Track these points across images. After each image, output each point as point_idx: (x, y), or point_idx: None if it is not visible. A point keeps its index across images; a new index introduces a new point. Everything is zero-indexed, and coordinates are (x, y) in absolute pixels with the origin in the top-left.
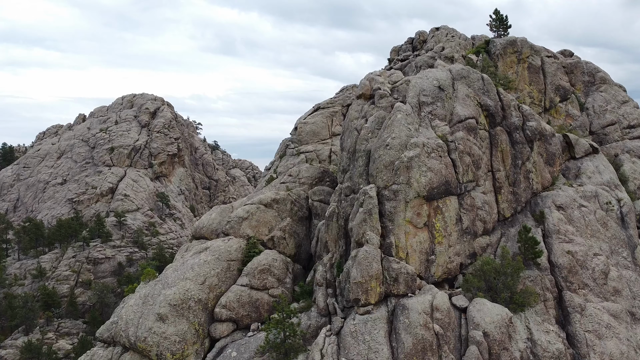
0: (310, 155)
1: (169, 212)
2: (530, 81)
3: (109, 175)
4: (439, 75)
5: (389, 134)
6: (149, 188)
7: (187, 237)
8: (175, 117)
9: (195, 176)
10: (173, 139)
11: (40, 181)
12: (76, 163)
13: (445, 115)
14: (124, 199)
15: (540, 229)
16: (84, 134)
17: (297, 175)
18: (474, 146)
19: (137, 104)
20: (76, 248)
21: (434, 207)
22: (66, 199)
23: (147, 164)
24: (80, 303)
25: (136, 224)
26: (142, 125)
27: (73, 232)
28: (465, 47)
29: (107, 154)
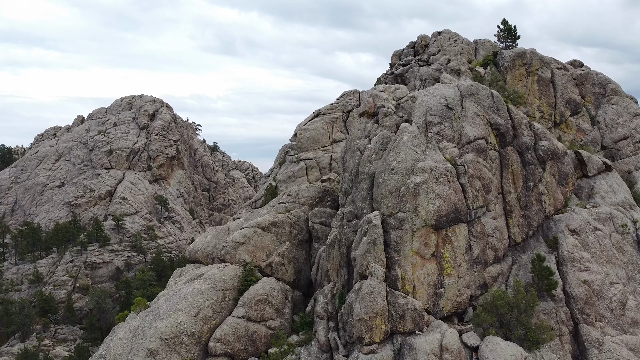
0: (310, 163)
1: (168, 215)
2: (540, 95)
3: (107, 178)
4: (447, 93)
5: (394, 157)
6: (147, 191)
7: (186, 240)
8: (175, 119)
9: (195, 178)
10: (172, 141)
11: (38, 184)
12: (74, 166)
13: (454, 135)
14: (122, 202)
15: (554, 256)
16: (82, 136)
17: (297, 195)
18: (484, 168)
19: (135, 106)
20: (74, 252)
21: (443, 236)
22: (64, 202)
23: (146, 166)
24: (78, 309)
25: (134, 227)
26: (141, 128)
27: (71, 236)
28: (468, 52)
29: (105, 157)
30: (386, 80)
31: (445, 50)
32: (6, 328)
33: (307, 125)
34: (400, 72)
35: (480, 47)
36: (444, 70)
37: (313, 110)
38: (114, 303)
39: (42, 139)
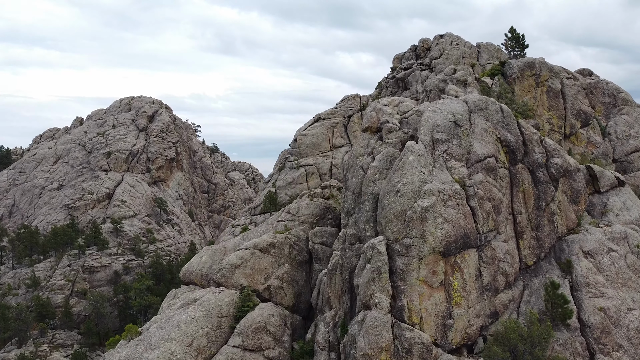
0: (310, 169)
1: (167, 217)
2: (550, 106)
3: (106, 181)
4: (455, 109)
5: (400, 179)
6: (146, 193)
7: (185, 243)
8: (174, 120)
9: (194, 180)
10: (171, 143)
11: (36, 186)
12: (73, 168)
13: (462, 154)
14: (120, 205)
15: (567, 281)
16: (80, 138)
17: (296, 212)
18: (494, 189)
19: (135, 107)
20: (71, 256)
21: (451, 263)
22: (62, 205)
23: (145, 168)
24: (75, 313)
25: (133, 230)
26: (140, 129)
27: (69, 240)
28: (471, 55)
29: (104, 159)
30: (387, 84)
31: (448, 54)
32: (3, 334)
33: (307, 130)
34: (401, 76)
35: (483, 50)
36: (449, 80)
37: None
38: (112, 307)
39: (40, 141)
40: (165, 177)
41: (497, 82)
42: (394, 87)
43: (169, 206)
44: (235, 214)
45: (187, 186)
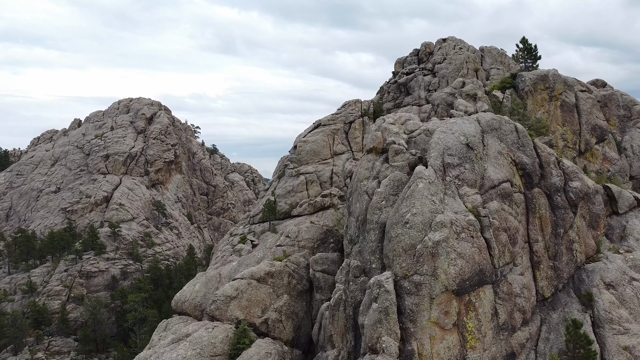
0: (310, 177)
1: (166, 221)
2: (564, 121)
3: (104, 184)
4: (467, 129)
5: (409, 208)
6: (144, 196)
7: (184, 247)
8: (173, 122)
9: (193, 182)
10: (170, 146)
11: (33, 189)
12: (70, 170)
13: (475, 180)
14: (118, 209)
15: (588, 316)
16: (78, 140)
17: (296, 237)
18: (510, 217)
19: (133, 109)
20: (68, 261)
21: (465, 302)
22: (60, 209)
23: (143, 171)
24: (72, 319)
25: (131, 234)
26: (139, 132)
27: (65, 244)
28: (474, 60)
29: (102, 162)
30: (389, 89)
31: (451, 59)
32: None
33: (307, 136)
34: (404, 81)
35: (487, 54)
36: (458, 94)
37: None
38: (109, 313)
39: (38, 143)
40: (163, 180)
41: (509, 96)
42: (396, 92)
43: (168, 209)
44: (235, 216)
45: (186, 189)
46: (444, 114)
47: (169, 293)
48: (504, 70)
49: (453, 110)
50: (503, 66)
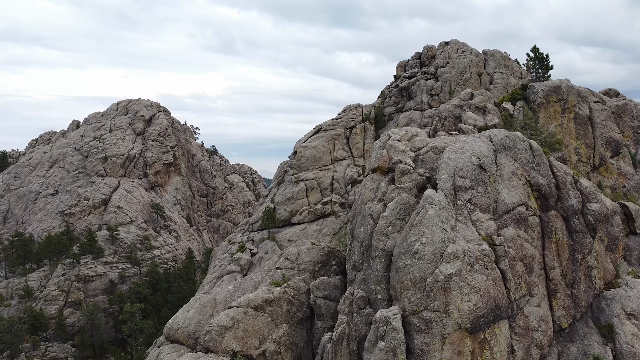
0: (310, 184)
1: (164, 223)
2: (577, 135)
3: (102, 186)
4: (479, 149)
5: (418, 237)
6: (143, 199)
7: (183, 249)
8: (172, 123)
9: (192, 184)
10: (169, 147)
11: (31, 192)
12: (68, 173)
13: (489, 204)
14: (117, 211)
15: (609, 349)
16: (77, 142)
17: (296, 259)
18: (526, 243)
19: (132, 111)
20: (66, 265)
21: (480, 340)
22: (57, 211)
23: (142, 173)
24: (69, 324)
25: (129, 237)
26: (137, 133)
27: (63, 248)
28: (478, 63)
29: (100, 164)
30: (390, 93)
31: (454, 63)
32: None
33: (307, 142)
34: (405, 85)
35: (490, 58)
36: (466, 107)
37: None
38: (107, 318)
39: (36, 145)
40: (162, 182)
41: (520, 109)
42: (398, 97)
43: (167, 212)
44: (234, 217)
45: (185, 191)
46: (452, 127)
47: (167, 297)
48: (507, 74)
49: (462, 124)
50: (507, 70)
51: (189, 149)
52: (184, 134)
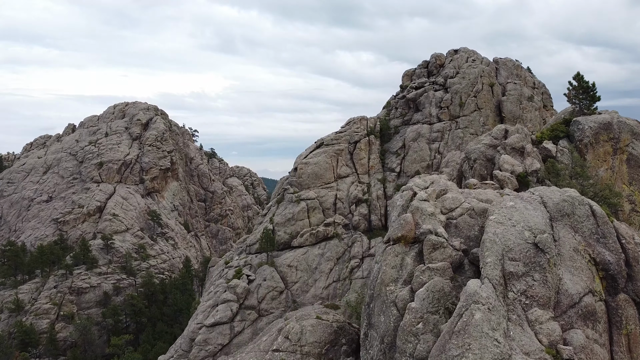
0: (312, 204)
1: (161, 231)
2: (631, 179)
3: (97, 193)
4: (532, 220)
5: (462, 351)
6: (139, 206)
7: (180, 258)
8: (170, 127)
9: (190, 189)
10: (166, 152)
11: (24, 198)
12: (63, 179)
13: (549, 297)
14: (112, 219)
15: None
16: (72, 147)
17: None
18: (596, 346)
19: (129, 114)
20: (58, 277)
21: None
22: (51, 219)
23: (138, 179)
24: (61, 339)
25: (125, 246)
26: (134, 138)
27: (56, 259)
28: (490, 73)
29: (95, 170)
30: (397, 104)
31: (464, 73)
32: None
33: (308, 157)
34: (413, 97)
35: (501, 67)
36: (501, 148)
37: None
38: (100, 332)
39: (31, 149)
40: (159, 188)
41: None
42: (404, 108)
43: (164, 219)
44: (233, 222)
45: (182, 196)
46: (484, 171)
47: (163, 309)
48: (520, 84)
49: (497, 170)
50: (519, 80)
51: (187, 152)
52: (182, 137)
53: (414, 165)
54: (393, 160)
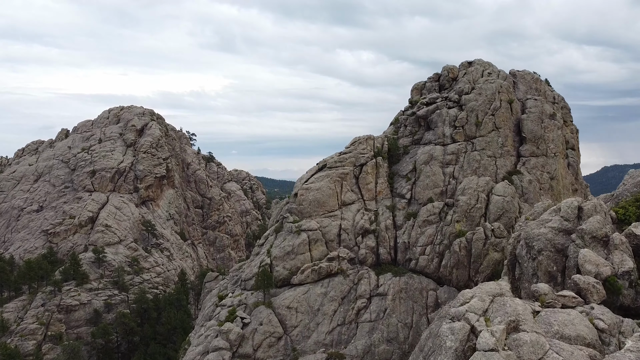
0: (314, 235)
1: (156, 241)
2: None
3: (89, 203)
4: None
5: None
6: (133, 216)
7: (175, 270)
8: (166, 132)
9: (187, 195)
10: (161, 160)
11: (14, 207)
12: (54, 187)
13: None
14: (104, 230)
15: None
16: (64, 154)
17: None
18: None
19: (123, 119)
20: (46, 294)
21: None
22: (41, 230)
23: (132, 188)
24: None
25: (117, 259)
26: (128, 145)
27: (44, 274)
28: (508, 89)
29: (88, 178)
30: (406, 121)
31: (481, 89)
32: None
33: (310, 182)
34: (423, 114)
35: (519, 80)
36: (576, 235)
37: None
38: (90, 353)
39: (22, 155)
40: (154, 197)
41: None
42: (414, 126)
43: (158, 228)
44: (231, 229)
45: (179, 204)
46: (552, 267)
47: (156, 328)
48: (541, 100)
49: (577, 276)
50: (540, 95)
51: (184, 157)
52: (179, 142)
53: (426, 192)
54: (403, 185)
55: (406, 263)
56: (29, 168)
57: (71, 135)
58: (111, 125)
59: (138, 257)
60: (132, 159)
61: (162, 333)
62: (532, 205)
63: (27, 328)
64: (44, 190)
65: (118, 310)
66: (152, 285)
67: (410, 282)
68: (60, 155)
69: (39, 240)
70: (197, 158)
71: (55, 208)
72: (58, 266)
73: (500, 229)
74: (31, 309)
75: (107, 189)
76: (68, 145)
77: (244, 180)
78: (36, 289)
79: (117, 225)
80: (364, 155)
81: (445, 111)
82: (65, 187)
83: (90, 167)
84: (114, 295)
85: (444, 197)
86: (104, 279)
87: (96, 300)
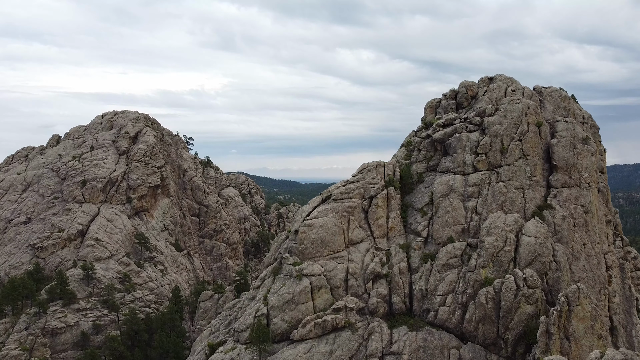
0: (317, 281)
1: (149, 255)
2: None
3: (80, 215)
4: None
5: None
6: (125, 228)
7: (169, 285)
8: (162, 137)
9: (183, 203)
10: (155, 168)
11: (1, 219)
12: (43, 198)
13: None
14: (95, 245)
15: None
16: (54, 162)
17: None
18: None
19: (117, 125)
20: (30, 316)
21: None
22: (28, 244)
23: (125, 198)
24: None
25: (108, 275)
26: (121, 153)
27: (29, 293)
28: (535, 110)
29: (78, 188)
30: (420, 145)
31: (506, 110)
32: None
33: (312, 218)
34: (440, 137)
35: (546, 98)
36: None
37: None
38: None
39: (12, 162)
40: (148, 207)
41: None
42: (429, 150)
43: (152, 241)
44: (229, 237)
45: (174, 213)
46: None
47: (148, 352)
48: (572, 122)
49: None
50: (569, 115)
51: (180, 163)
52: (175, 147)
53: (445, 230)
54: (418, 220)
55: (423, 314)
56: (17, 177)
57: (63, 141)
58: (104, 131)
59: (130, 273)
60: (125, 167)
61: (153, 358)
62: (566, 246)
63: (8, 355)
64: (32, 201)
65: (107, 332)
66: (144, 303)
67: (429, 338)
68: (51, 164)
69: (26, 254)
70: (194, 163)
71: (44, 220)
72: (45, 284)
73: (533, 278)
74: (14, 333)
75: (98, 200)
76: (59, 152)
77: (243, 185)
78: (20, 310)
79: (108, 238)
80: (374, 186)
81: (465, 135)
82: (54, 198)
83: (80, 176)
84: (103, 316)
85: (465, 236)
86: (93, 298)
87: (84, 321)
